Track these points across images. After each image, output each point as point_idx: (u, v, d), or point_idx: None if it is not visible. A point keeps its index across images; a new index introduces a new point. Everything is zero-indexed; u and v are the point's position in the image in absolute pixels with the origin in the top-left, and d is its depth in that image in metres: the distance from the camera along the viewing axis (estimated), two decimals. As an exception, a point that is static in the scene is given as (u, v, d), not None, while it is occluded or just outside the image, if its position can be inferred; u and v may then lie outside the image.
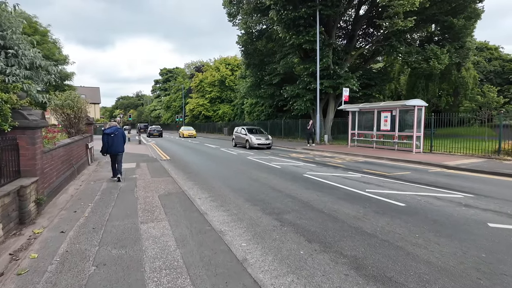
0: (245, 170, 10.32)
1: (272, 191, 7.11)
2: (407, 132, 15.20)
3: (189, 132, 36.63)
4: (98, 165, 11.28)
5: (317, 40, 21.46)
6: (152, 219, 4.80)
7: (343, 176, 9.13)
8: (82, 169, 9.99)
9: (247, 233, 4.33)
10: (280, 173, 9.73)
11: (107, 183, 7.84)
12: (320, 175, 9.29)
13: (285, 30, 22.70)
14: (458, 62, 29.60)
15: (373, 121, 16.99)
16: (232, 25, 29.68)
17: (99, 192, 6.84)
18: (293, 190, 7.25)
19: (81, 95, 35.95)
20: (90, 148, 11.61)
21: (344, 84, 24.25)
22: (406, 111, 15.29)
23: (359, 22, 27.53)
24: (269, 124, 33.31)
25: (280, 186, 7.66)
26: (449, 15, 24.41)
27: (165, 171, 9.76)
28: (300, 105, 25.98)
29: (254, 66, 31.27)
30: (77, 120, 10.46)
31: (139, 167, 10.66)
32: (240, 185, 7.83)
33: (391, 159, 12.97)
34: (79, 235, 4.11)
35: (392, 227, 4.57)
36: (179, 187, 7.24)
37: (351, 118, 18.23)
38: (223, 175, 9.38)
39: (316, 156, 14.98)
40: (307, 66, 24.38)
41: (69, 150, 8.10)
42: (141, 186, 7.38)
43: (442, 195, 6.66)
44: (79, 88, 54.76)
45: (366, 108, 17.60)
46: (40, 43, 23.78)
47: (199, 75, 55.54)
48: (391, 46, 26.20)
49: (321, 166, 11.36)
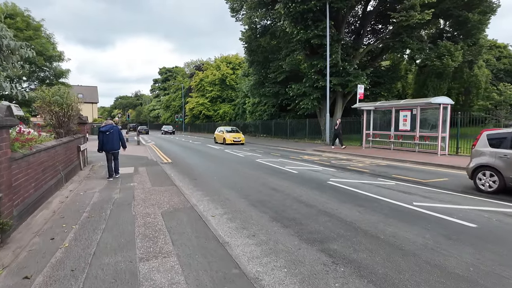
0: (259, 176, 9.04)
1: (300, 205, 5.84)
2: (430, 132, 13.95)
3: (235, 137, 23.82)
4: (92, 170, 9.98)
5: (327, 34, 20.21)
6: (156, 252, 3.52)
7: (375, 184, 7.87)
8: (73, 175, 8.69)
9: (291, 278, 3.04)
10: (300, 180, 8.46)
11: (100, 193, 6.55)
12: (347, 182, 8.02)
13: (292, 24, 21.44)
14: (470, 60, 28.41)
15: (391, 121, 15.75)
16: (235, 20, 28.40)
17: (88, 206, 5.55)
18: (325, 203, 5.98)
19: (78, 94, 34.79)
20: (83, 150, 10.31)
21: (354, 82, 23.06)
22: (428, 109, 14.06)
23: (367, 18, 26.33)
24: (272, 124, 31.99)
25: (307, 198, 6.39)
26: (464, 10, 23.21)
27: (167, 178, 8.48)
28: (307, 104, 24.75)
29: (258, 64, 29.97)
30: (67, 119, 9.16)
31: (137, 173, 9.37)
32: (259, 196, 6.55)
33: (416, 162, 11.72)
34: (49, 285, 2.82)
35: (488, 265, 3.31)
36: (186, 200, 5.96)
37: (365, 117, 16.98)
38: (235, 183, 8.11)
39: (330, 158, 13.72)
40: (315, 62, 23.15)
41: (54, 154, 6.81)
42: (140, 199, 6.09)
43: (509, 210, 5.41)
44: (76, 87, 53.39)
45: (382, 107, 16.34)
46: (33, 38, 22.47)
47: (200, 74, 54.20)
48: (402, 42, 25.01)
49: (343, 170, 10.09)
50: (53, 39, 25.43)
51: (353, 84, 22.93)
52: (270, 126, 32.85)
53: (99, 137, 8.36)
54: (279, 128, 31.17)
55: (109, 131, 8.35)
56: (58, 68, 26.01)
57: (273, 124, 31.65)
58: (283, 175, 9.18)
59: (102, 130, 8.39)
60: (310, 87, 24.60)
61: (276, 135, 30.85)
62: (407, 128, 14.94)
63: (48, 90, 8.69)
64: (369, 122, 17.03)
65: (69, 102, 8.97)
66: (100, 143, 8.36)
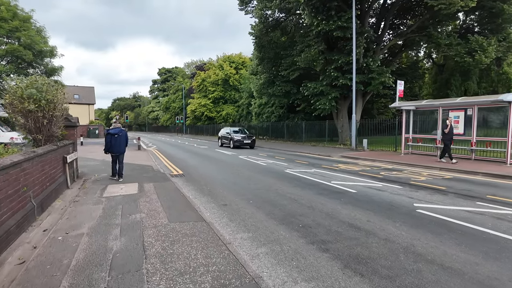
0: (312, 200, 6.61)
1: (442, 273, 3.44)
2: (492, 137, 11.63)
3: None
4: (82, 188, 7.52)
5: (353, 24, 17.91)
6: None
7: (490, 214, 5.48)
8: (55, 197, 6.25)
9: None
10: (373, 206, 6.04)
11: (89, 238, 4.12)
12: (444, 211, 5.63)
13: (312, 14, 19.12)
14: (498, 57, 26.17)
15: (437, 123, 13.42)
16: (245, 13, 26.10)
17: (68, 273, 3.14)
18: (468, 263, 3.59)
19: (74, 95, 31.81)
20: (70, 162, 7.85)
21: (378, 79, 20.83)
22: (490, 109, 11.75)
23: (390, 10, 24.06)
24: (284, 126, 29.51)
25: (425, 250, 4.00)
26: (498, 0, 21.02)
27: (187, 203, 6.05)
28: (324, 104, 22.44)
29: (269, 61, 27.63)
30: (47, 121, 6.72)
31: (143, 193, 6.94)
32: (349, 246, 4.15)
33: (489, 174, 9.37)
34: None
35: None
36: (235, 260, 3.52)
37: (405, 119, 14.62)
38: (287, 212, 5.69)
39: (373, 168, 11.34)
40: (335, 57, 20.84)
41: (19, 175, 4.38)
42: (155, 254, 3.67)
43: None
44: (72, 88, 50.71)
45: (427, 106, 14.00)
46: (20, 30, 19.99)
47: (202, 74, 51.80)
48: (428, 37, 22.84)
49: (416, 188, 7.68)
50: (44, 32, 22.95)
51: (377, 82, 20.68)
52: (281, 128, 30.45)
53: (107, 138, 8.57)
54: (291, 131, 28.76)
55: (117, 134, 8.60)
56: (50, 65, 23.49)
57: (285, 126, 29.21)
58: (343, 197, 6.77)
59: (111, 132, 8.58)
60: (328, 85, 22.31)
61: (289, 140, 28.43)
62: (459, 132, 12.60)
63: (20, 81, 6.27)
64: (409, 124, 14.66)
65: (50, 97, 6.53)
66: (107, 144, 8.56)
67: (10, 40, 20.69)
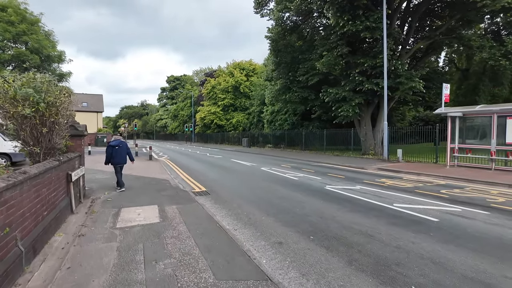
0: (392, 233, 5.04)
1: None
2: None
3: None
4: (90, 213, 6.03)
5: (384, 23, 16.48)
6: None
7: None
8: (54, 230, 4.77)
9: None
10: (489, 247, 4.43)
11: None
12: None
13: (338, 14, 17.73)
14: (532, 60, 24.31)
15: (491, 131, 11.74)
16: (261, 16, 24.88)
17: None
18: None
19: (82, 103, 30.74)
20: (76, 179, 6.37)
21: (407, 84, 19.25)
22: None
23: (416, 11, 22.58)
24: (303, 135, 27.84)
25: None
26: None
27: (230, 242, 4.49)
28: (347, 111, 20.85)
29: (285, 65, 26.24)
30: (48, 130, 5.29)
31: (168, 223, 5.41)
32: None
33: None
34: None
35: None
36: None
37: (450, 127, 12.94)
38: (378, 257, 4.11)
39: (427, 184, 9.67)
40: (360, 61, 19.33)
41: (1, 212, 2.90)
42: None
43: None
44: (81, 95, 50.05)
45: (476, 112, 12.34)
46: (27, 33, 18.97)
47: (212, 81, 50.74)
48: (459, 39, 21.31)
49: (508, 215, 6.03)
50: (53, 37, 21.96)
51: (406, 86, 19.08)
52: (297, 136, 28.86)
53: (108, 150, 8.63)
54: (310, 139, 27.13)
55: (118, 145, 8.69)
56: (58, 70, 22.45)
57: (303, 135, 27.59)
58: (430, 231, 5.14)
59: (112, 144, 8.69)
60: (351, 91, 20.78)
61: (307, 148, 26.82)
62: (520, 142, 10.90)
63: (13, 78, 4.88)
64: (454, 132, 12.98)
65: (51, 99, 5.11)
66: (108, 156, 8.63)
67: (17, 44, 19.70)
